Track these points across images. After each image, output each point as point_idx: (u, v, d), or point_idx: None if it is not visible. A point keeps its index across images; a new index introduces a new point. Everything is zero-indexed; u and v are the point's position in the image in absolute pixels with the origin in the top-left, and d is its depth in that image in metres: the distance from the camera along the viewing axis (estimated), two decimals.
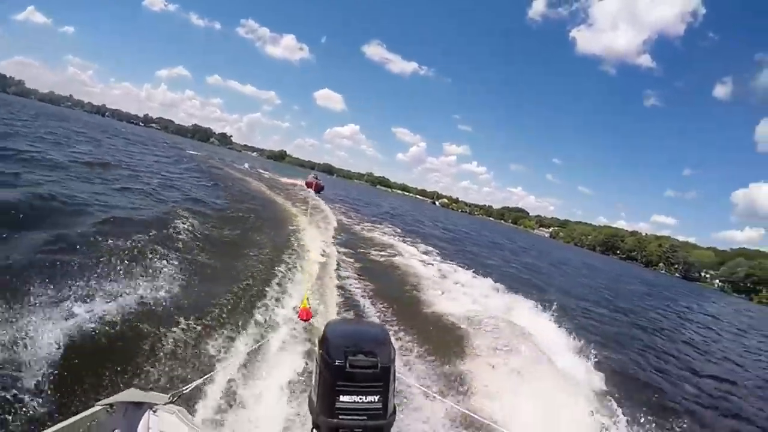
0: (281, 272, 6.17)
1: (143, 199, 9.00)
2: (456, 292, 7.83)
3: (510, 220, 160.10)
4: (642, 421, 4.50)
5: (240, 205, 11.70)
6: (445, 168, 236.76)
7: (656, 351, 9.10)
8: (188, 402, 2.56)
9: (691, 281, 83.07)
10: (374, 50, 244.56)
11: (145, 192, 9.78)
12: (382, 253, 10.45)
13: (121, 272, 4.17)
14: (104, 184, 9.43)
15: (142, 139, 39.11)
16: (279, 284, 5.68)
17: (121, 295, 3.74)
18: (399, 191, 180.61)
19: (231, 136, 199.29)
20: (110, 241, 4.92)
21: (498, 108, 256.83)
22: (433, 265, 10.30)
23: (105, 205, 7.24)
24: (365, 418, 0.96)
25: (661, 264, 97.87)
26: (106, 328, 3.20)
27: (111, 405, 1.18)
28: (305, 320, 3.21)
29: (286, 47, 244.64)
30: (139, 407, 1.25)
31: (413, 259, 10.46)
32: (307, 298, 3.05)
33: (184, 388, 1.38)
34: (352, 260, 8.71)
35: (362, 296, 6.44)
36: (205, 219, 8.25)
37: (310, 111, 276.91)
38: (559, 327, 6.81)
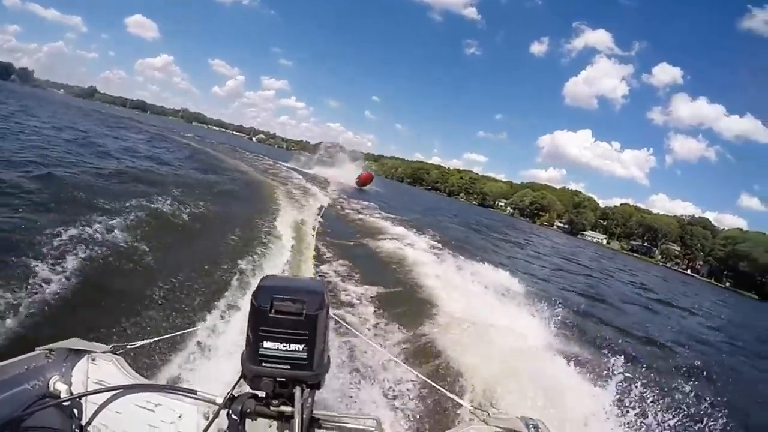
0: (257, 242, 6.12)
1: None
2: None
3: None
4: None
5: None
6: (263, 103, 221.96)
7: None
8: (132, 357, 2.55)
9: (486, 207, 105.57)
10: None
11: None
12: None
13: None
14: None
15: None
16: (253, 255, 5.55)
17: (83, 244, 3.74)
18: (216, 128, 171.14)
19: (33, 71, 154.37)
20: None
21: (320, 44, 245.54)
22: None
23: None
24: (288, 367, 0.92)
25: (461, 194, 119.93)
26: (61, 278, 3.25)
27: (51, 350, 1.18)
28: None
29: None
30: (79, 355, 1.26)
31: None
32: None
33: (128, 344, 1.34)
34: None
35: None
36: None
37: (120, 40, 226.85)
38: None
